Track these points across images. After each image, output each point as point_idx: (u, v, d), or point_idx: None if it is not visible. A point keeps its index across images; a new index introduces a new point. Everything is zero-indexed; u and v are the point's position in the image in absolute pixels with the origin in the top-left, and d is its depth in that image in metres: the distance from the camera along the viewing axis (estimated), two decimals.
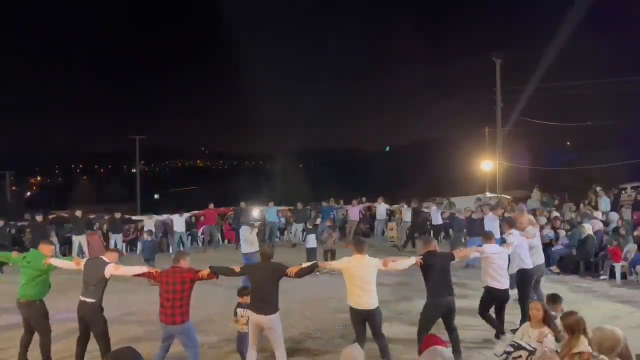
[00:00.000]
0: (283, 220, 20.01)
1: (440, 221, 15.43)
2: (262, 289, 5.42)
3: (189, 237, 18.78)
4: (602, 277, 10.75)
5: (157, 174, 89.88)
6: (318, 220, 16.33)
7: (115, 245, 15.07)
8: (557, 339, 4.55)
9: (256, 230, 11.03)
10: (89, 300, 5.75)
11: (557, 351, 4.26)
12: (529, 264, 7.19)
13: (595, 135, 35.63)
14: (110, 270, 5.82)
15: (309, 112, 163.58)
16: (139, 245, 16.87)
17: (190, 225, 18.79)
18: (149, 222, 15.95)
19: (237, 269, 5.81)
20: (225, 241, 18.75)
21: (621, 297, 9.01)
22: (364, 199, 17.89)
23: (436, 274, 5.84)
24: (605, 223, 13.18)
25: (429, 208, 15.91)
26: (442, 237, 15.77)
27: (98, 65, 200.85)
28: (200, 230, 18.27)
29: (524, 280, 7.14)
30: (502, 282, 6.61)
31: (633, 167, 27.31)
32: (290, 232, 18.27)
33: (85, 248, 14.41)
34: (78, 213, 15.04)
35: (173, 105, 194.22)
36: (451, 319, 5.93)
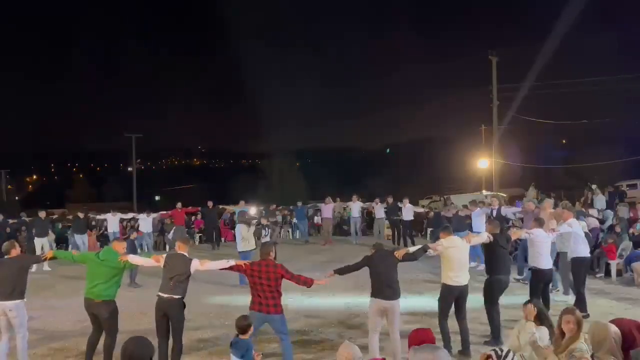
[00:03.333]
0: (281, 219, 20.20)
1: (411, 217, 15.78)
2: (388, 275, 5.77)
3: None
4: (597, 274, 10.80)
5: (155, 171, 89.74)
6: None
7: (77, 246, 14.52)
8: (551, 336, 4.55)
9: (253, 228, 11.06)
10: (175, 296, 5.59)
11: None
12: (583, 253, 7.89)
13: (591, 134, 35.78)
14: (196, 265, 5.73)
15: (306, 111, 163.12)
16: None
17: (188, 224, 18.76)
18: (113, 220, 15.49)
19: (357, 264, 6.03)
20: (223, 239, 18.77)
21: (616, 294, 9.07)
22: (338, 198, 18.00)
23: (502, 253, 6.61)
24: (601, 221, 13.22)
25: (402, 204, 15.98)
26: (413, 232, 16.37)
27: (95, 62, 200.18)
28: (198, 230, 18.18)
29: (577, 268, 7.83)
30: (546, 262, 7.26)
31: (629, 165, 27.44)
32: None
33: (46, 249, 13.38)
34: (41, 214, 14.42)
35: (170, 104, 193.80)
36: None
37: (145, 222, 15.59)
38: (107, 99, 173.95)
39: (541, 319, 4.79)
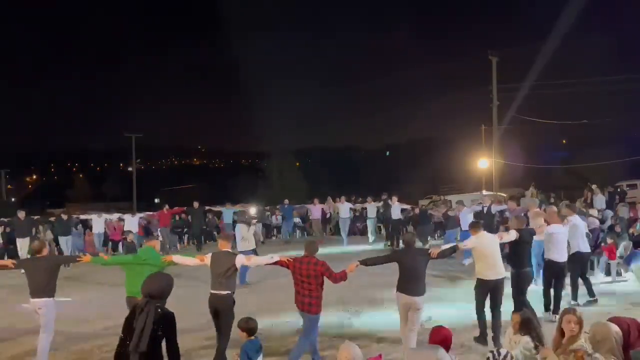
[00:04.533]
0: (280, 218, 20.22)
1: (399, 216, 15.75)
2: (416, 272, 5.84)
3: (186, 237, 18.76)
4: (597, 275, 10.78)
5: (155, 171, 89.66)
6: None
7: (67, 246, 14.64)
8: (537, 347, 4.41)
9: (253, 228, 11.08)
10: (223, 292, 5.77)
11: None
12: (584, 249, 8.22)
13: (591, 134, 35.78)
14: (241, 261, 5.93)
15: (306, 111, 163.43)
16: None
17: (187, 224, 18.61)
18: (99, 221, 15.44)
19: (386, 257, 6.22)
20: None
21: (617, 295, 9.06)
22: (338, 199, 17.96)
23: (525, 247, 6.87)
24: (601, 221, 13.21)
25: (391, 202, 15.92)
26: (404, 231, 16.08)
27: (95, 62, 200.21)
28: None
29: (575, 262, 8.11)
30: (562, 255, 7.56)
31: (629, 165, 27.44)
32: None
33: (24, 252, 13.24)
34: (21, 215, 14.18)
35: (170, 103, 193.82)
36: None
37: (131, 222, 15.55)
38: (107, 98, 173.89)
39: (529, 328, 4.62)
